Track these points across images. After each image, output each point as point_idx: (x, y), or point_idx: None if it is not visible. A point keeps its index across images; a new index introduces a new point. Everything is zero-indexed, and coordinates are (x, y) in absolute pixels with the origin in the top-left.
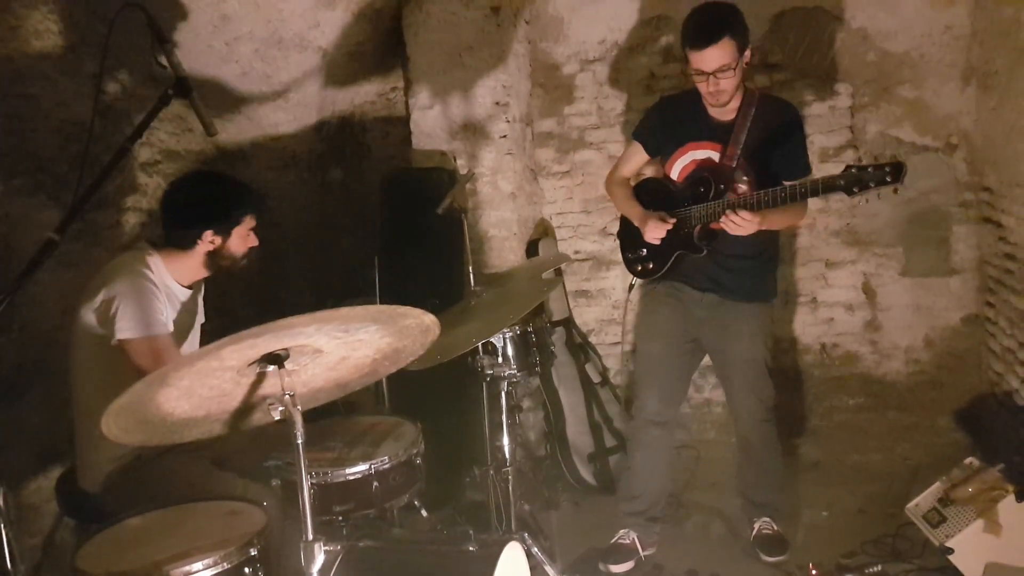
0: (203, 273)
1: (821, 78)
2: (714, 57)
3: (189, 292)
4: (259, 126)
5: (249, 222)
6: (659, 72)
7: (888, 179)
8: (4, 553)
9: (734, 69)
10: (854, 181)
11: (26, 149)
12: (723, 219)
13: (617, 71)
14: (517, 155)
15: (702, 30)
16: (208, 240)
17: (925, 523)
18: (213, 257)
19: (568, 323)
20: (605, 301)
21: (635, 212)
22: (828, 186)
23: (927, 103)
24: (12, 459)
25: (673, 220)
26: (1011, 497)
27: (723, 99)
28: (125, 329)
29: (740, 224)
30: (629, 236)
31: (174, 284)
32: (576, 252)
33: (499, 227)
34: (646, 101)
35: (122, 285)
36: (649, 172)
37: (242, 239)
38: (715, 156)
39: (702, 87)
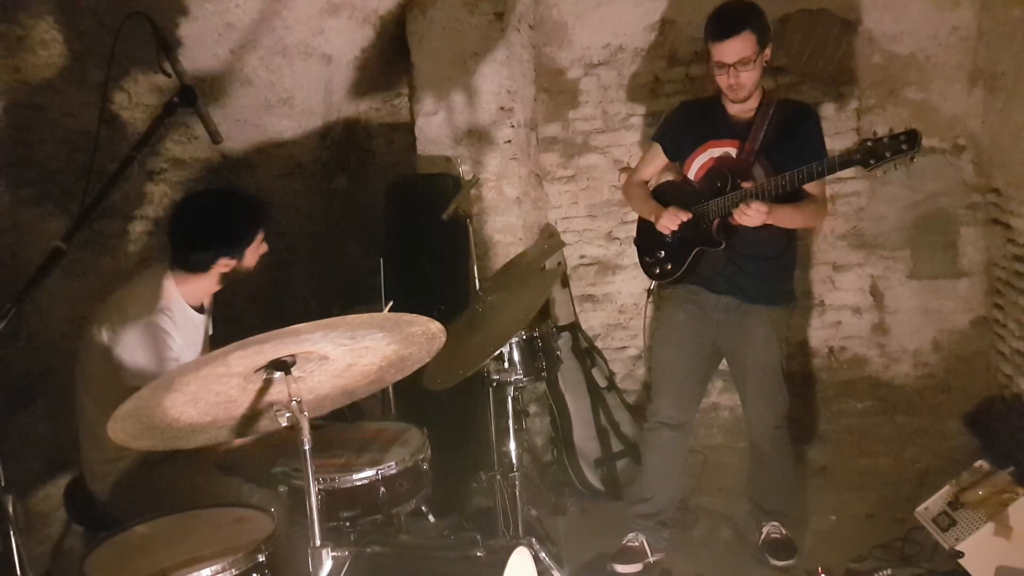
0: (215, 289)
1: (827, 81)
2: (735, 49)
3: (203, 316)
4: (264, 134)
5: (260, 236)
6: (663, 76)
7: (904, 147)
8: (13, 560)
9: (754, 63)
10: (870, 153)
11: (33, 159)
12: (736, 210)
13: (621, 76)
14: (522, 160)
15: (724, 22)
16: (223, 263)
17: (935, 527)
18: (227, 276)
19: (574, 328)
20: (611, 306)
21: (651, 208)
22: (845, 161)
23: (934, 105)
24: (20, 467)
25: (689, 214)
26: (1022, 500)
27: (742, 94)
28: (136, 377)
29: (749, 215)
30: (646, 239)
31: (189, 311)
32: (582, 256)
33: (504, 232)
34: (651, 105)
35: (137, 332)
36: (667, 177)
37: (253, 253)
38: (733, 152)
39: (722, 80)
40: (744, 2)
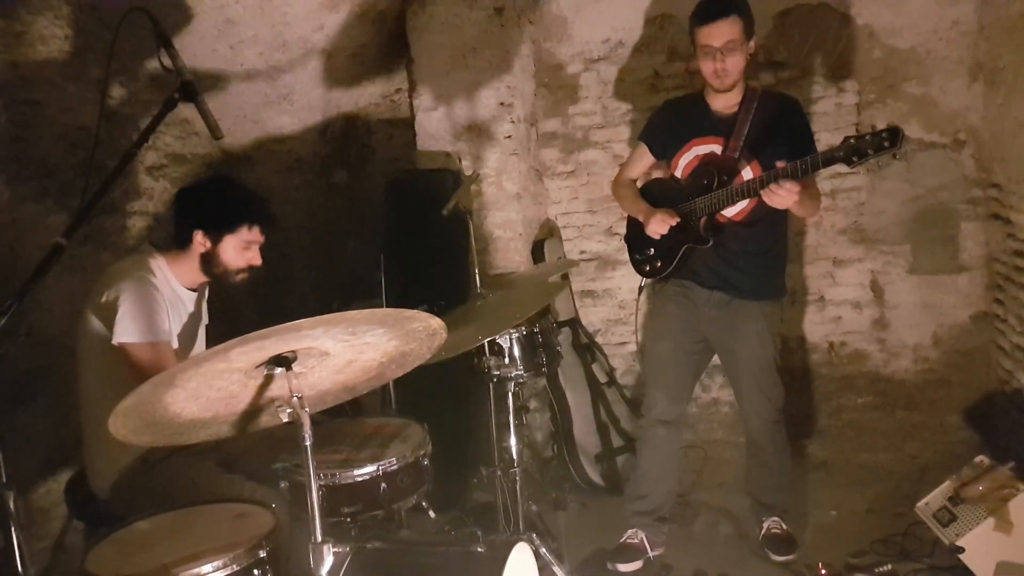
0: (202, 277)
1: (827, 75)
2: (722, 31)
3: (193, 295)
4: (264, 129)
5: (247, 234)
6: (663, 71)
7: (886, 144)
8: (14, 556)
9: (739, 49)
10: (852, 151)
11: (32, 155)
12: (765, 191)
13: (621, 70)
14: (522, 155)
15: (711, 5)
16: (199, 241)
17: (935, 522)
18: (206, 261)
19: (574, 323)
20: (611, 301)
21: (640, 209)
22: (828, 159)
23: (934, 99)
24: (21, 463)
25: (677, 218)
26: (1022, 495)
27: (728, 80)
28: (125, 333)
29: (781, 194)
30: (636, 237)
31: (179, 287)
32: (582, 252)
33: (504, 228)
34: (650, 100)
35: (126, 289)
36: (657, 175)
37: (236, 250)
38: (718, 149)
39: (707, 67)
40: None
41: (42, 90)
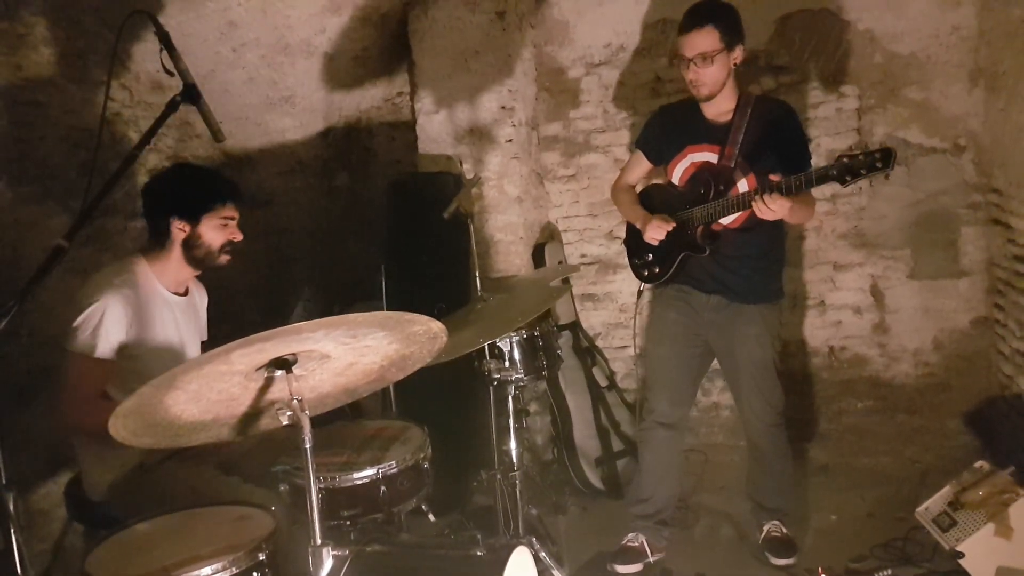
0: (188, 271)
1: (828, 80)
2: (693, 43)
3: (182, 299)
4: (266, 132)
5: (222, 211)
6: (664, 75)
7: (878, 165)
8: (14, 558)
9: (712, 59)
10: (845, 170)
11: (35, 156)
12: (754, 204)
13: (623, 75)
14: (523, 159)
15: (689, 16)
16: (178, 228)
17: (935, 527)
18: (188, 248)
19: (575, 327)
20: (612, 305)
21: (638, 215)
22: (821, 176)
23: (934, 104)
24: (21, 464)
25: (673, 223)
26: (1022, 500)
27: (702, 91)
28: (71, 340)
29: (773, 208)
30: (635, 242)
31: (163, 291)
32: (582, 256)
33: (505, 231)
34: (652, 104)
35: (96, 300)
36: (656, 180)
37: (216, 229)
38: (713, 158)
39: (685, 75)
40: (717, 0)
41: (44, 91)
